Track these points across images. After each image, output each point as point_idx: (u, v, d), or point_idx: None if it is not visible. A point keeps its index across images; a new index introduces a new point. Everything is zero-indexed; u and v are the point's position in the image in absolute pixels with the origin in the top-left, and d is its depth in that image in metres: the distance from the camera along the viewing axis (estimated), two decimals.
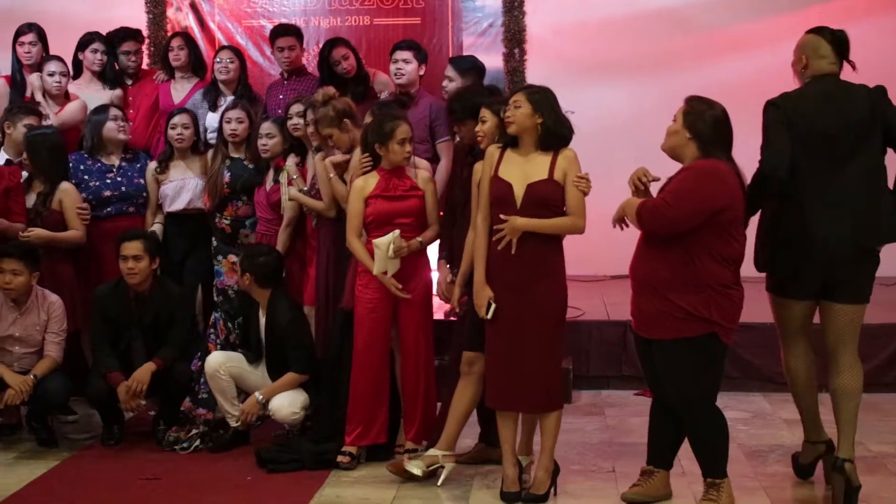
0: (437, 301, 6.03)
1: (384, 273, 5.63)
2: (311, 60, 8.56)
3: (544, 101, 5.18)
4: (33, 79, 7.46)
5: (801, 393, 5.46)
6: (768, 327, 5.63)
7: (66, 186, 6.63)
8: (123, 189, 6.97)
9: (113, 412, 6.37)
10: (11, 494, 5.49)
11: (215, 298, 6.93)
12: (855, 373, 5.29)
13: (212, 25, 9.41)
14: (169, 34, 8.91)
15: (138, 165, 7.10)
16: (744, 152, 5.08)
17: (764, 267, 5.37)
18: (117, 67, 7.87)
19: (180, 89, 7.82)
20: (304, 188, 6.46)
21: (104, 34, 7.84)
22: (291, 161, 6.63)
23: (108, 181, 6.96)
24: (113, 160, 7.05)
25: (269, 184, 6.73)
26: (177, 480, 5.69)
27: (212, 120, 7.37)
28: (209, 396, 6.35)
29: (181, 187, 6.98)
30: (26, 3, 9.18)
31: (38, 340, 6.30)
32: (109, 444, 6.28)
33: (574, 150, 5.21)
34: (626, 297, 5.20)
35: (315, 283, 6.46)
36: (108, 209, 6.93)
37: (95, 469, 5.92)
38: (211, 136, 7.22)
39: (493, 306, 5.18)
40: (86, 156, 7.00)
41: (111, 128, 6.98)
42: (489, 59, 7.59)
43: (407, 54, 7.22)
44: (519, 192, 5.14)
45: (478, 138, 5.51)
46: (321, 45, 7.90)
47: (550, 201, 5.13)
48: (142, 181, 7.04)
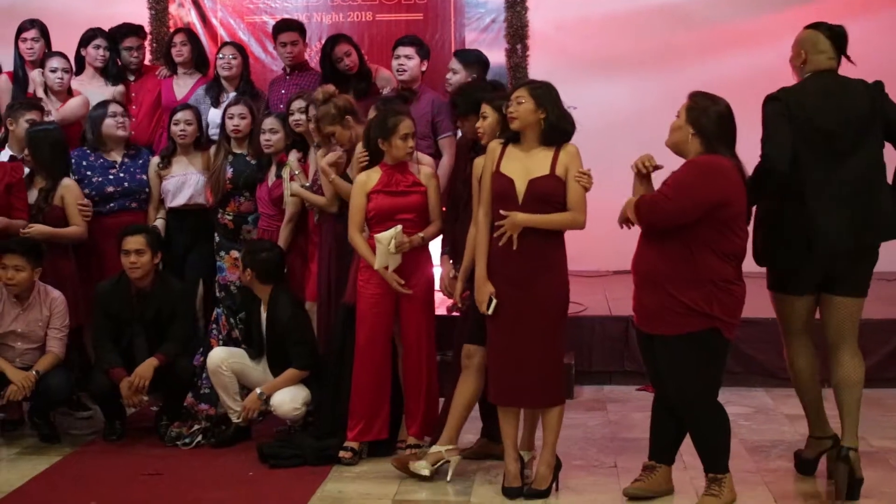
0: (439, 296, 6.03)
1: (385, 268, 5.63)
2: (313, 56, 8.56)
3: (547, 96, 5.17)
4: (35, 75, 7.46)
5: (804, 388, 5.45)
6: (770, 322, 5.63)
7: (67, 182, 6.63)
8: (126, 185, 6.98)
9: (115, 408, 6.38)
10: (14, 490, 5.49)
11: (217, 294, 6.93)
12: (856, 364, 5.31)
13: (214, 21, 9.42)
14: (171, 30, 8.92)
15: (141, 161, 7.10)
16: (747, 148, 5.09)
17: (763, 261, 5.37)
18: (120, 63, 7.88)
19: (183, 85, 7.82)
20: (306, 183, 6.46)
21: (106, 30, 7.85)
22: (293, 157, 6.63)
23: (111, 177, 6.97)
24: (115, 156, 7.05)
25: (271, 179, 6.73)
26: (179, 476, 5.69)
27: (214, 116, 7.37)
28: (211, 392, 6.35)
29: (183, 183, 6.98)
30: None
31: (40, 336, 6.30)
32: (111, 440, 6.29)
33: (576, 146, 5.21)
34: (628, 292, 5.20)
35: (317, 278, 6.45)
36: (111, 205, 6.93)
37: (97, 464, 5.93)
38: (213, 133, 7.22)
39: (495, 302, 5.17)
40: (88, 152, 7.00)
41: (109, 124, 6.98)
42: (491, 55, 7.58)
43: (409, 50, 7.22)
44: (521, 187, 5.13)
45: (478, 134, 5.51)
46: (323, 42, 7.90)
47: (552, 197, 5.12)
48: (144, 177, 7.04)
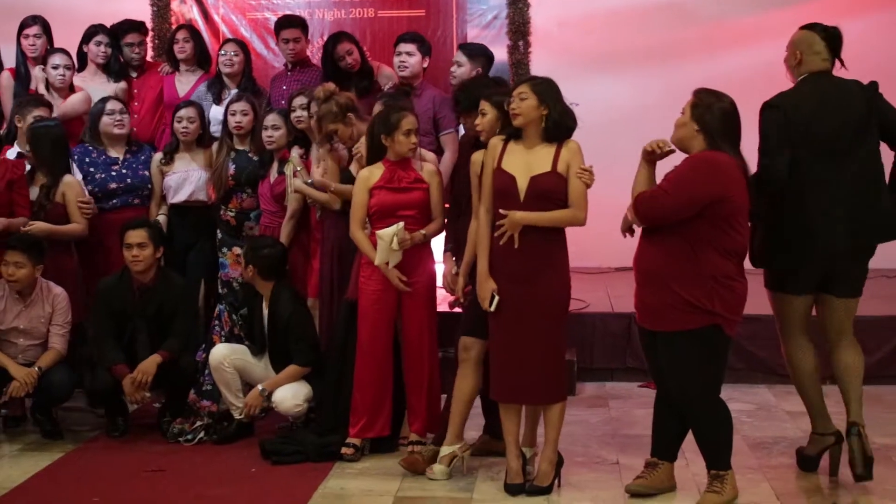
0: (442, 293, 6.02)
1: (386, 264, 5.63)
2: (315, 53, 8.56)
3: (549, 92, 5.16)
4: (37, 72, 7.46)
5: (806, 385, 5.45)
6: (772, 319, 5.61)
7: (69, 179, 6.61)
8: (129, 181, 6.98)
9: (117, 404, 6.38)
10: (16, 486, 5.50)
11: (220, 290, 6.93)
12: (857, 353, 5.41)
13: (216, 18, 9.41)
14: (173, 27, 8.91)
15: (143, 157, 7.11)
16: (750, 144, 5.09)
17: (761, 263, 5.38)
18: (122, 60, 7.87)
19: (185, 82, 7.82)
20: (309, 180, 6.46)
21: (108, 27, 7.85)
22: (295, 153, 6.62)
23: (114, 173, 6.97)
24: (118, 152, 7.05)
25: (273, 176, 6.73)
26: (181, 472, 5.69)
27: (216, 113, 7.36)
28: (213, 388, 6.36)
29: (184, 179, 6.98)
30: None
31: (42, 333, 6.30)
32: (114, 436, 6.29)
33: (577, 142, 5.20)
34: (630, 289, 5.19)
35: (319, 275, 6.46)
36: (114, 201, 6.93)
37: (100, 461, 5.93)
38: (215, 129, 7.20)
39: (497, 298, 5.17)
40: (91, 148, 7.01)
41: (106, 122, 6.97)
42: (493, 52, 7.55)
43: (410, 47, 7.21)
44: (522, 184, 5.12)
45: (477, 130, 5.50)
46: (325, 39, 7.89)
47: (554, 194, 5.11)
48: (146, 173, 7.04)
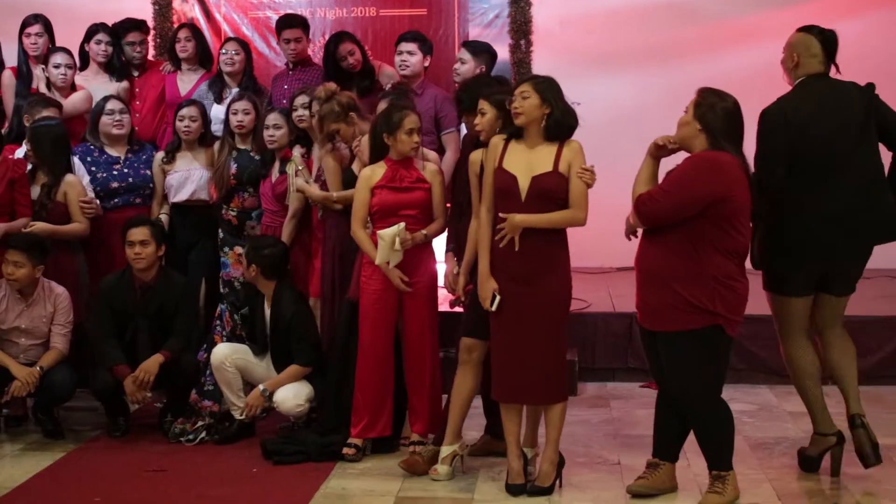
0: (443, 293, 6.01)
1: (387, 264, 5.62)
2: (316, 52, 8.55)
3: (551, 91, 5.15)
4: (39, 71, 7.46)
5: (807, 386, 5.45)
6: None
7: (71, 179, 6.60)
8: (130, 180, 6.98)
9: (119, 404, 6.38)
10: (18, 486, 5.50)
11: (221, 290, 6.93)
12: (847, 341, 5.47)
13: (217, 17, 9.40)
14: (175, 25, 8.90)
15: (144, 157, 7.11)
16: (752, 145, 5.09)
17: (761, 265, 5.38)
18: (123, 59, 7.87)
19: (186, 81, 7.81)
20: (310, 179, 6.46)
21: (110, 25, 7.84)
22: (297, 152, 6.62)
23: (115, 172, 6.97)
24: (119, 152, 7.05)
25: (274, 175, 6.73)
26: (182, 472, 5.69)
27: (217, 112, 7.34)
28: (215, 388, 6.35)
29: (186, 178, 6.98)
30: None
31: (44, 332, 6.30)
32: (115, 436, 6.28)
33: (579, 142, 5.19)
34: (631, 289, 5.19)
35: (321, 274, 6.45)
36: (115, 200, 6.92)
37: (101, 461, 5.93)
38: (216, 128, 7.19)
39: (498, 298, 5.17)
40: (92, 147, 7.00)
41: (105, 122, 6.97)
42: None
43: (412, 46, 7.21)
44: (524, 184, 5.11)
45: (476, 130, 5.49)
46: (326, 38, 7.88)
47: (555, 194, 5.10)
48: (148, 172, 7.05)
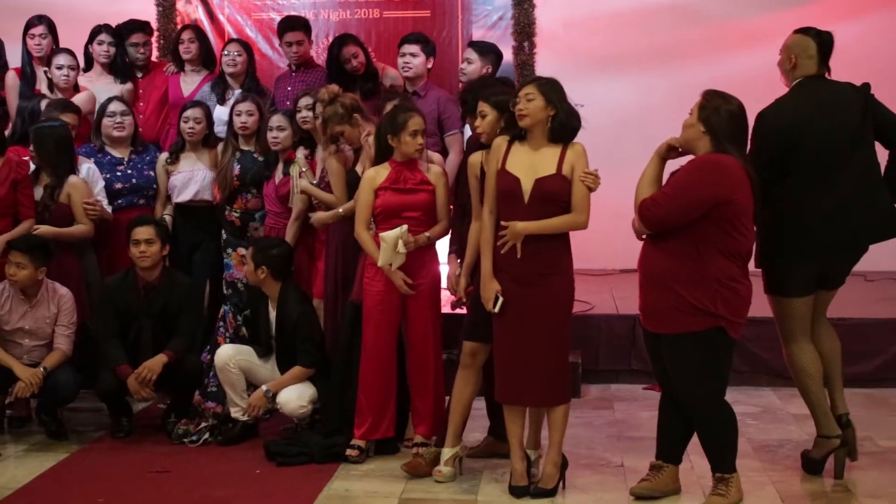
0: (446, 294, 6.01)
1: (389, 265, 5.62)
2: (320, 53, 8.55)
3: (555, 92, 5.14)
4: (42, 73, 7.46)
5: (810, 388, 5.45)
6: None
7: (74, 180, 6.59)
8: (134, 181, 6.99)
9: (122, 405, 6.38)
10: (21, 487, 5.50)
11: (224, 291, 6.93)
12: (832, 335, 5.52)
13: (221, 18, 9.39)
14: (178, 27, 8.91)
15: (148, 158, 7.13)
16: None
17: (760, 264, 5.40)
18: (127, 60, 7.87)
19: (190, 82, 7.81)
20: (314, 181, 6.46)
21: (113, 26, 7.84)
22: (301, 154, 6.62)
23: (119, 174, 6.98)
24: (123, 153, 7.07)
25: (278, 177, 6.73)
26: (186, 473, 5.69)
27: (220, 113, 7.34)
28: (218, 390, 6.35)
29: (189, 178, 6.99)
30: None
31: (47, 333, 6.30)
32: (119, 437, 6.28)
33: (583, 144, 5.18)
34: (635, 291, 5.18)
35: (324, 276, 6.46)
36: (119, 201, 6.93)
37: (105, 461, 5.93)
38: (219, 130, 7.20)
39: (501, 300, 5.16)
40: (96, 148, 7.01)
41: (106, 124, 7.00)
42: None
43: (414, 48, 7.22)
44: (527, 186, 5.11)
45: (477, 132, 5.49)
46: (330, 40, 7.88)
47: (558, 197, 5.09)
48: (152, 173, 7.06)
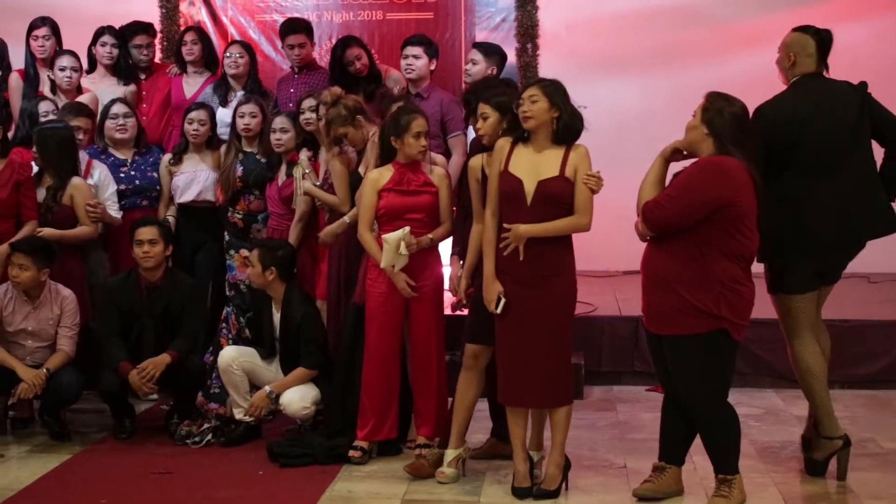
0: (449, 296, 6.01)
1: (391, 267, 5.62)
2: (323, 55, 8.56)
3: (559, 94, 5.14)
4: (46, 75, 7.47)
5: (814, 387, 5.45)
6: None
7: (77, 182, 6.58)
8: (137, 183, 7.00)
9: (125, 406, 6.38)
10: (24, 488, 5.50)
11: (227, 293, 6.93)
12: (826, 337, 5.54)
13: (224, 20, 9.40)
14: (182, 28, 8.91)
15: (151, 159, 7.14)
16: None
17: (762, 260, 5.42)
18: (130, 62, 7.87)
19: (192, 83, 7.82)
20: (317, 182, 6.46)
21: (117, 28, 7.85)
22: (304, 155, 6.63)
23: (122, 175, 6.98)
24: (126, 154, 7.08)
25: (281, 178, 6.73)
26: (189, 474, 5.69)
27: (222, 115, 7.34)
28: (221, 391, 6.35)
29: (192, 179, 6.99)
30: None
31: (51, 335, 6.30)
32: (121, 438, 6.28)
33: (586, 146, 5.18)
34: (638, 292, 5.17)
35: (327, 277, 6.46)
36: (122, 203, 6.92)
37: (108, 463, 5.93)
38: (221, 132, 7.20)
39: (503, 301, 5.16)
40: (99, 150, 7.01)
41: (108, 126, 7.01)
42: None
43: (417, 49, 7.22)
44: (529, 188, 5.10)
45: (479, 134, 5.48)
46: (333, 41, 7.89)
47: (561, 199, 5.09)
48: (155, 175, 7.07)
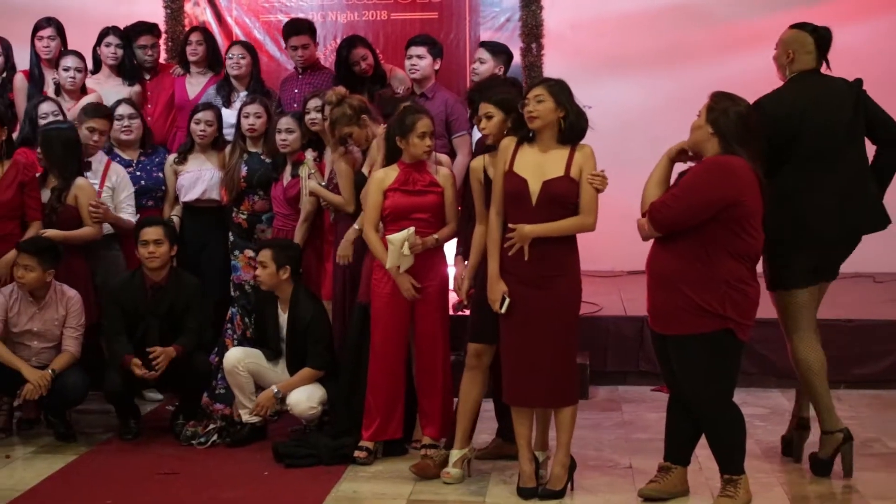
0: (454, 296, 6.01)
1: (397, 268, 5.62)
2: (328, 55, 8.56)
3: (564, 94, 5.14)
4: (50, 75, 7.48)
5: (814, 383, 5.47)
6: None
7: (81, 182, 6.57)
8: (143, 183, 7.00)
9: (130, 406, 6.39)
10: (30, 489, 5.50)
11: (232, 293, 6.93)
12: (819, 340, 5.55)
13: (229, 20, 9.40)
14: (186, 29, 8.91)
15: (157, 160, 7.14)
16: None
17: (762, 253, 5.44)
18: (135, 62, 7.87)
19: (195, 84, 7.81)
20: (322, 182, 6.46)
21: (122, 28, 7.85)
22: (309, 156, 6.63)
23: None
24: (132, 155, 7.08)
25: (286, 179, 6.73)
26: (194, 475, 5.70)
27: (226, 115, 7.31)
28: (227, 392, 6.36)
29: (197, 178, 6.99)
30: None
31: (56, 335, 6.30)
32: (127, 439, 6.29)
33: (591, 146, 5.18)
34: (643, 292, 5.18)
35: (332, 277, 6.46)
36: None
37: (113, 463, 5.94)
38: (225, 132, 7.18)
39: (508, 301, 5.16)
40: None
41: (114, 127, 6.99)
42: None
43: (421, 49, 7.21)
44: (534, 188, 5.10)
45: (483, 134, 5.49)
46: (338, 42, 7.89)
47: (566, 199, 5.09)
48: (160, 175, 7.07)
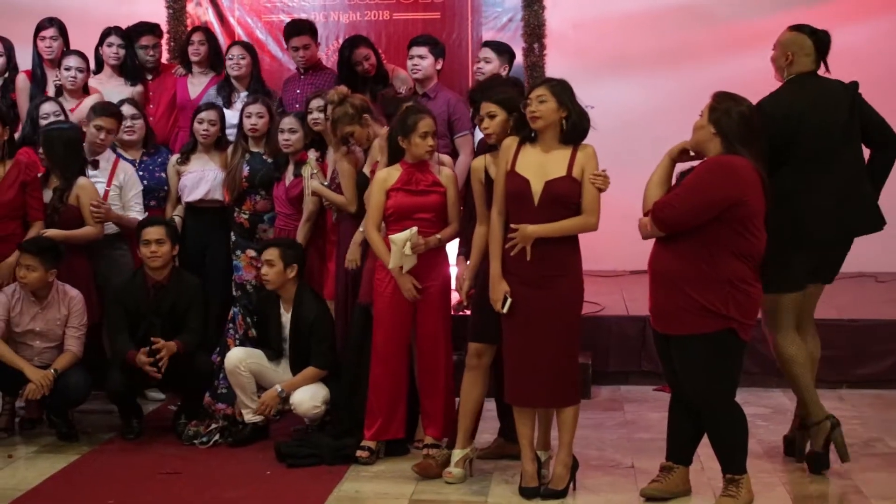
0: (456, 296, 6.01)
1: (399, 268, 5.62)
2: (330, 55, 8.56)
3: (566, 94, 5.14)
4: (53, 76, 7.49)
5: (799, 374, 5.49)
6: None
7: (83, 182, 6.58)
8: (145, 183, 6.99)
9: (132, 406, 6.40)
10: (32, 488, 5.51)
11: (234, 293, 6.94)
12: (816, 342, 5.62)
13: (231, 20, 9.40)
14: (189, 29, 8.91)
15: (159, 160, 7.14)
16: None
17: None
18: (137, 62, 7.88)
19: (197, 84, 7.81)
20: (325, 182, 6.47)
21: (123, 28, 7.85)
22: (312, 155, 6.64)
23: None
24: (134, 155, 7.08)
25: (288, 179, 6.74)
26: (196, 475, 5.70)
27: (228, 116, 7.30)
28: (229, 391, 6.35)
29: (200, 178, 6.99)
30: None
31: (58, 335, 6.30)
32: (129, 438, 6.29)
33: (593, 146, 5.18)
34: (645, 292, 5.18)
35: (335, 277, 6.47)
36: None
37: (115, 463, 5.94)
38: (227, 132, 7.20)
39: (510, 301, 5.16)
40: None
41: None
42: None
43: (423, 49, 7.21)
44: (536, 188, 5.10)
45: (486, 134, 5.49)
46: (341, 44, 7.89)
47: (568, 199, 5.09)
48: (163, 175, 7.08)
